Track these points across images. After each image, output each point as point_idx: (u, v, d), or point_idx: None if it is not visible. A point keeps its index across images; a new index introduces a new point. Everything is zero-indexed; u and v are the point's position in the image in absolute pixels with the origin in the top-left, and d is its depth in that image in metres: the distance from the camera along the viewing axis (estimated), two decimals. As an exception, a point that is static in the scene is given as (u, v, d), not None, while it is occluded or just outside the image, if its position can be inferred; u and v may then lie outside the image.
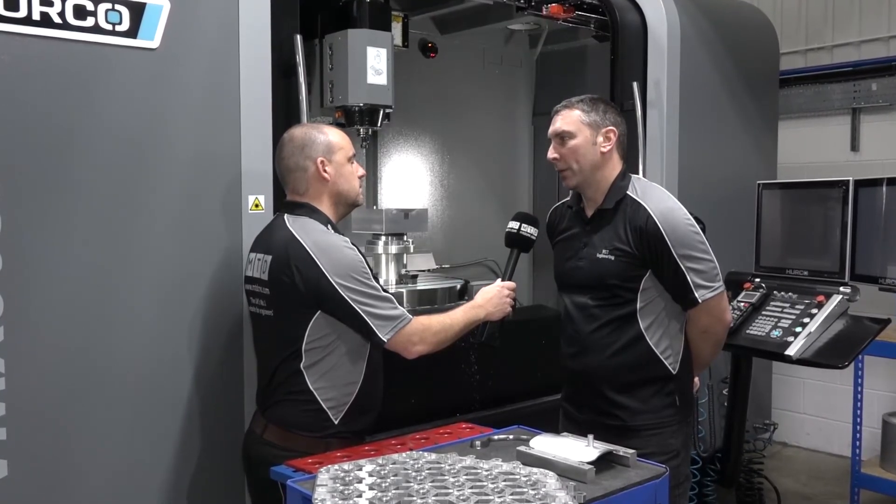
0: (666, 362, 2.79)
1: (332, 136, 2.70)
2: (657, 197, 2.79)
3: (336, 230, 2.67)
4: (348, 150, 2.73)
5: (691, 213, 2.79)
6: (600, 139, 2.80)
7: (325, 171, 2.66)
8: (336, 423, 2.59)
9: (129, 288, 2.73)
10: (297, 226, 2.60)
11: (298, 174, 2.68)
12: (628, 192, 2.79)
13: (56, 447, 2.62)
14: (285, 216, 2.66)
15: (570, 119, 2.81)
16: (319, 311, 2.53)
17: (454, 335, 2.69)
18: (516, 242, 2.94)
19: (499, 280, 2.89)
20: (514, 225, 2.93)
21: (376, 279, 2.58)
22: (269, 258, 2.61)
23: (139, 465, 2.79)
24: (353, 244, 2.60)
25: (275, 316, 2.63)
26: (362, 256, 2.57)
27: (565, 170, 2.84)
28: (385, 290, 2.57)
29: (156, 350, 2.79)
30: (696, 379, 3.01)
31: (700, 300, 2.73)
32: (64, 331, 2.62)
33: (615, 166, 2.83)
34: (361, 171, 2.79)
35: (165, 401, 2.83)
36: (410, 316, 2.57)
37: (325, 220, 2.66)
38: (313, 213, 2.66)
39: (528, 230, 2.93)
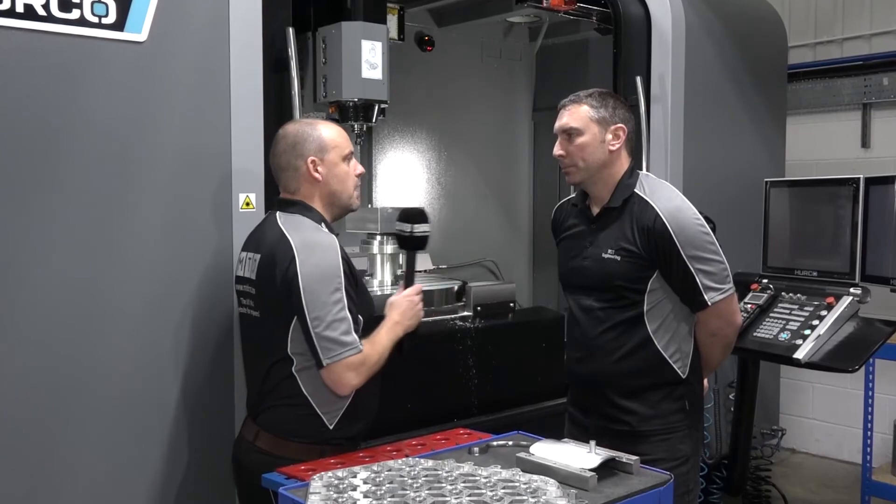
0: (675, 366, 2.79)
1: (326, 134, 2.67)
2: (665, 195, 2.78)
3: (330, 229, 2.65)
4: (343, 148, 2.69)
5: (701, 212, 2.78)
6: (609, 137, 2.78)
7: (316, 170, 2.64)
8: (331, 428, 2.58)
9: (114, 288, 2.73)
10: (289, 224, 2.59)
11: (290, 173, 2.66)
12: (636, 191, 2.78)
13: (39, 453, 2.62)
14: (277, 214, 2.66)
15: (578, 115, 2.78)
16: None
17: (383, 362, 2.61)
18: (411, 244, 2.83)
19: (406, 289, 2.77)
20: (405, 227, 2.79)
21: (353, 289, 2.52)
22: (258, 257, 2.61)
23: (125, 472, 2.79)
24: (343, 251, 2.54)
25: (261, 317, 2.63)
26: (347, 267, 2.51)
27: (570, 167, 2.82)
28: (350, 311, 2.48)
29: (143, 353, 2.80)
30: (706, 381, 3.02)
31: (710, 303, 2.72)
32: (47, 333, 2.62)
33: (623, 164, 2.82)
34: (360, 169, 2.76)
35: (152, 405, 2.83)
36: (361, 346, 2.49)
37: (318, 219, 2.65)
38: (307, 210, 2.65)
39: (421, 229, 2.80)
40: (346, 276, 2.50)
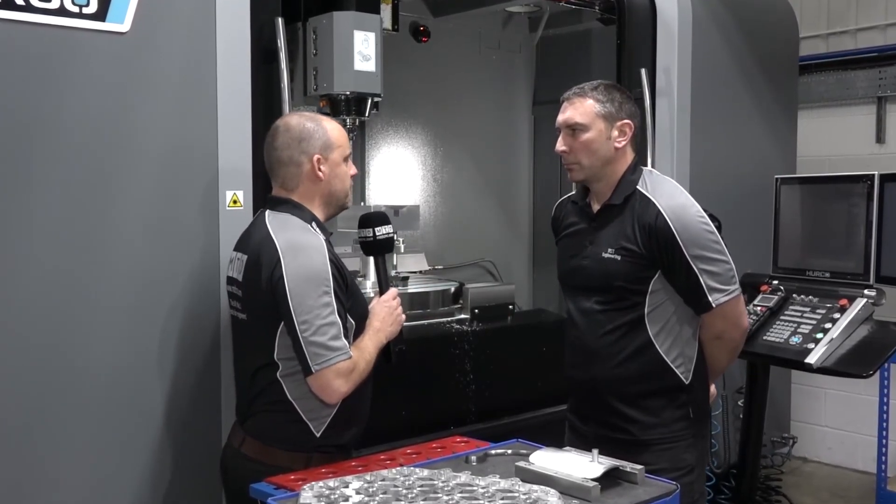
0: (677, 371, 2.80)
1: (332, 133, 2.67)
2: (668, 192, 2.78)
3: (322, 228, 2.65)
4: (346, 148, 2.71)
5: (706, 210, 2.79)
6: (615, 133, 2.78)
7: (320, 169, 2.64)
8: (318, 435, 2.59)
9: (97, 288, 2.74)
10: (277, 223, 2.59)
11: (292, 169, 2.65)
12: (638, 187, 2.78)
13: (18, 458, 2.63)
14: (266, 212, 2.66)
15: (583, 109, 2.77)
16: None
17: (370, 370, 2.63)
18: (377, 248, 2.86)
19: (382, 294, 2.78)
20: (367, 232, 2.82)
21: (343, 292, 2.52)
22: (245, 258, 2.62)
23: (108, 479, 2.80)
24: (332, 252, 2.55)
25: (248, 320, 2.64)
26: (336, 269, 2.52)
27: (573, 164, 2.82)
28: (339, 315, 2.49)
29: (126, 354, 2.80)
30: (713, 388, 3.02)
31: (714, 305, 2.73)
32: (28, 335, 2.62)
33: (627, 159, 2.83)
34: (354, 171, 2.76)
35: (137, 410, 2.84)
36: (350, 352, 2.50)
37: (309, 218, 2.63)
38: (297, 209, 2.64)
39: (384, 231, 2.83)
40: (334, 279, 2.50)
